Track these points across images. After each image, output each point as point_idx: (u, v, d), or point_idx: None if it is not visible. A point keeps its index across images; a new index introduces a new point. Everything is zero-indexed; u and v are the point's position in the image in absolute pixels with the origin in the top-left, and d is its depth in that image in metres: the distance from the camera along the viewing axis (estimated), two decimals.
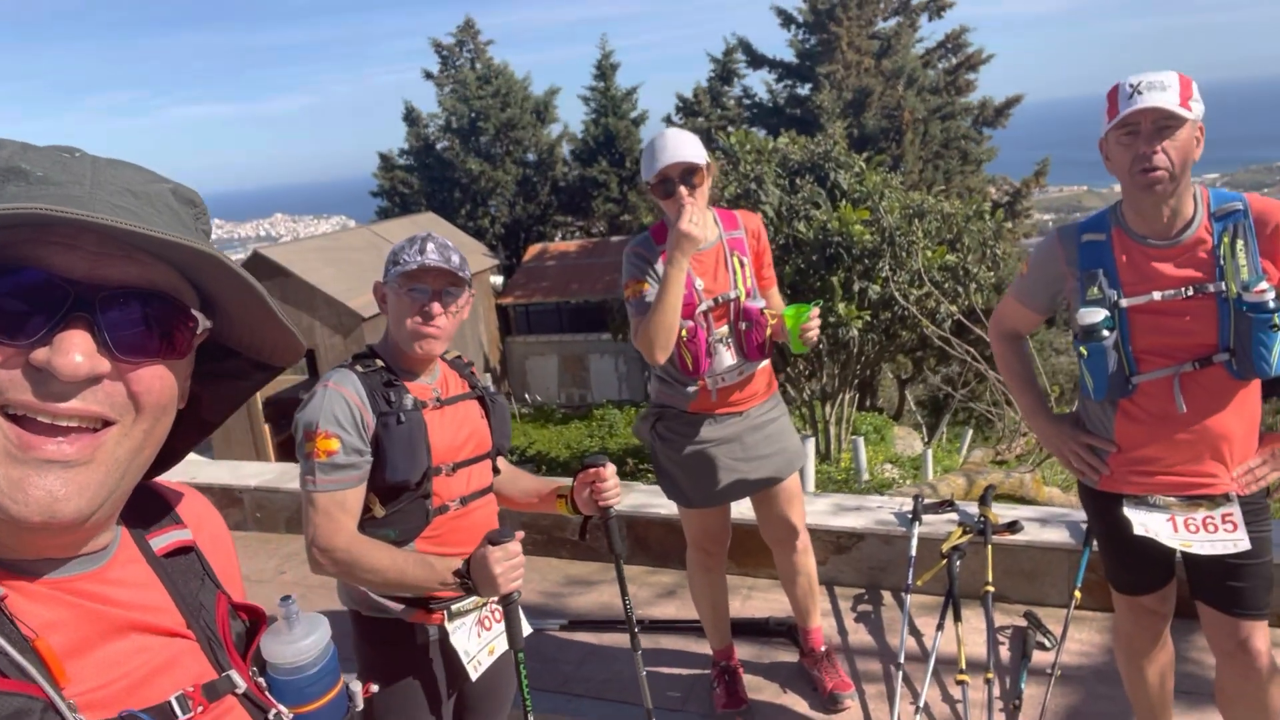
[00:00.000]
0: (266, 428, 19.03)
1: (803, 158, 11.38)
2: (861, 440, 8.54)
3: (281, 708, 0.86)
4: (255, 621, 0.90)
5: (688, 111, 26.77)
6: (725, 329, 2.70)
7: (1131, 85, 1.93)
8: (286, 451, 18.47)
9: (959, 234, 10.96)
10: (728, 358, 2.70)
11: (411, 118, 30.06)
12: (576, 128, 29.77)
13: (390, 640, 1.98)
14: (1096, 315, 2.04)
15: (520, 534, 1.82)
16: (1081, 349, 2.08)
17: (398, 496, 1.91)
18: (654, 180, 2.57)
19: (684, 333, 2.63)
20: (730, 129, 15.44)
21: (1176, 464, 2.07)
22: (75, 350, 0.65)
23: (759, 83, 27.88)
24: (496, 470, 2.16)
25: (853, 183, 11.00)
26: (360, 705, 1.06)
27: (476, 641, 2.02)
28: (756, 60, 27.26)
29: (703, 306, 2.65)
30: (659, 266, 2.63)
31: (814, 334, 2.63)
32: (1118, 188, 2.06)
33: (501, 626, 2.02)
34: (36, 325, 0.66)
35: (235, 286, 0.74)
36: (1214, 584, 2.09)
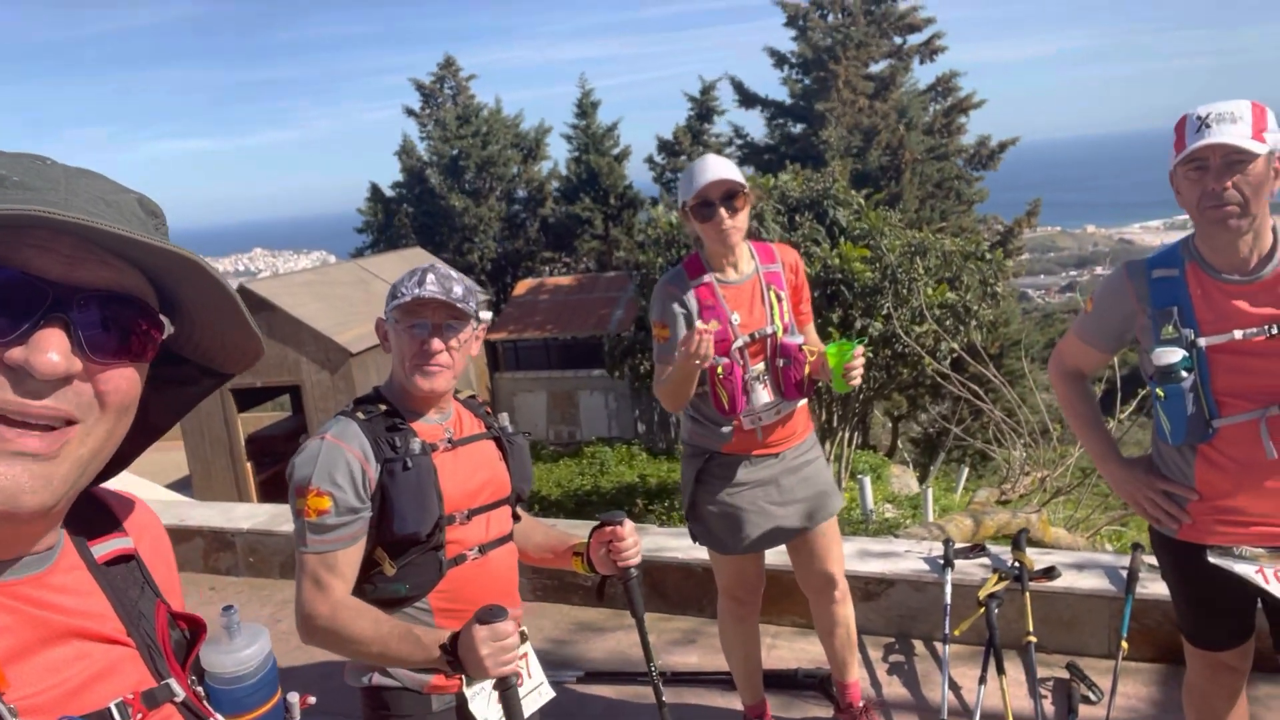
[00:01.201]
0: (249, 466, 18.63)
1: (802, 194, 11.37)
2: (868, 480, 8.41)
3: (219, 717, 0.87)
4: (195, 631, 0.90)
5: (669, 151, 26.79)
6: (762, 365, 2.58)
7: (1199, 118, 1.83)
8: (269, 490, 18.03)
9: (958, 272, 10.96)
10: (764, 396, 2.58)
11: (406, 149, 29.96)
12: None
13: (401, 712, 1.81)
14: (1174, 355, 1.93)
15: (519, 612, 1.66)
16: (1158, 391, 1.97)
17: (407, 550, 1.75)
18: (693, 202, 2.46)
19: (720, 370, 2.50)
20: None
21: (1267, 513, 1.94)
22: (53, 349, 0.67)
23: (748, 121, 28.05)
24: (517, 517, 2.01)
25: (852, 220, 10.99)
26: (297, 717, 1.05)
27: (496, 709, 1.86)
28: (748, 99, 27.34)
29: (739, 342, 2.53)
30: (690, 301, 2.53)
31: (859, 374, 2.49)
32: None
33: (527, 686, 1.85)
34: (14, 324, 0.66)
35: (209, 291, 0.75)
36: None
